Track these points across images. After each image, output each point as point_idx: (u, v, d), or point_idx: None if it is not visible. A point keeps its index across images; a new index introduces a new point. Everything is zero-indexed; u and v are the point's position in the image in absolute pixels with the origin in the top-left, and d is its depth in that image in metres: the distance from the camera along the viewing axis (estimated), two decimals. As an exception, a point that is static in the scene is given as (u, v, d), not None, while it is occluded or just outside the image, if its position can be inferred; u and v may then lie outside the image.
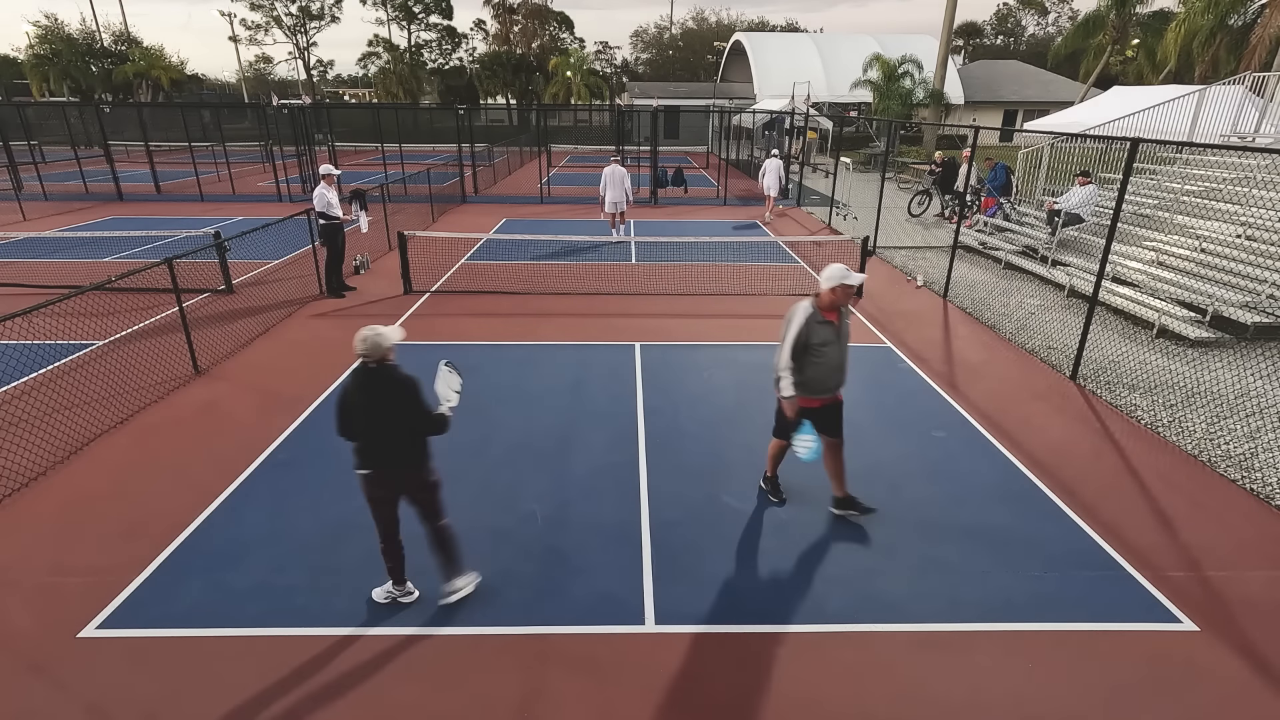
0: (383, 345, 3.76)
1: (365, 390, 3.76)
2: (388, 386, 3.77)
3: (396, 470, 3.84)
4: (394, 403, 3.76)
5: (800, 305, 4.65)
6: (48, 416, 6.33)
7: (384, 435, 3.77)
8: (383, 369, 3.79)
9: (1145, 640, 3.94)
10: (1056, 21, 72.35)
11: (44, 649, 3.79)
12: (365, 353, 3.71)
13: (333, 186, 10.22)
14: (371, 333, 3.73)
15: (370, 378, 3.77)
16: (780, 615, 4.11)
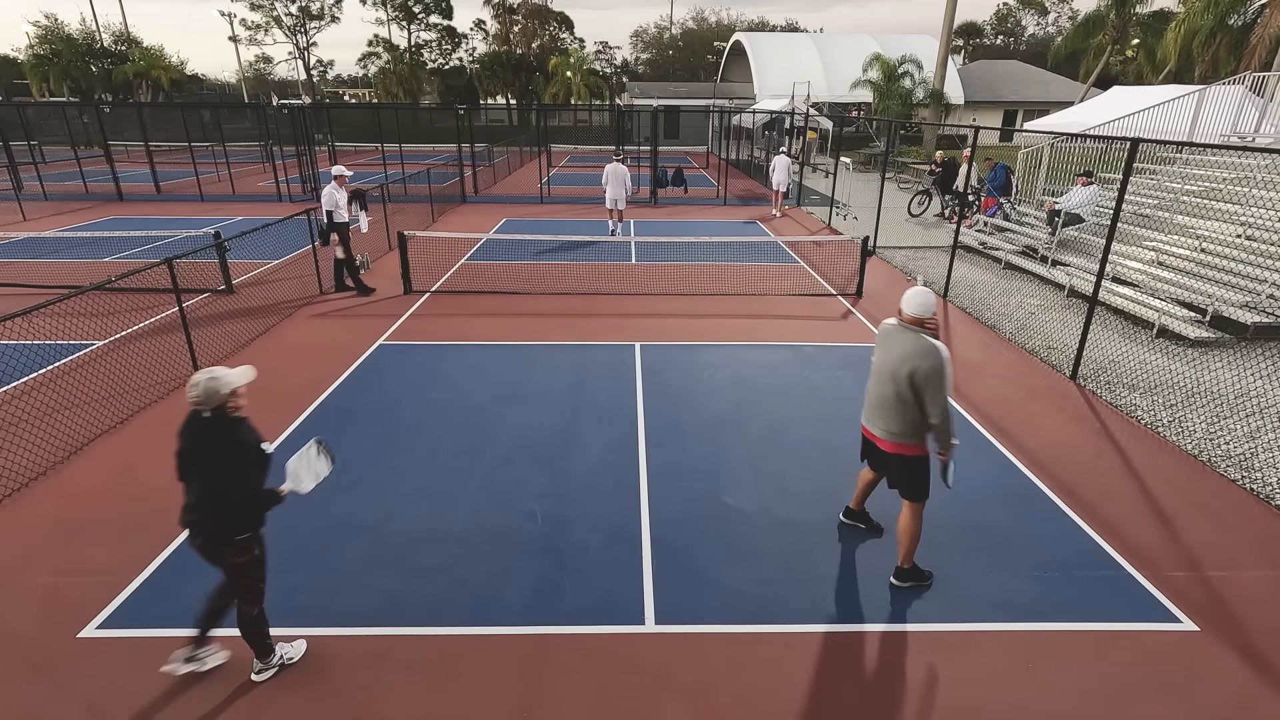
0: (219, 392, 3.19)
1: (189, 438, 3.25)
2: (214, 442, 3.23)
3: (199, 539, 3.34)
4: (213, 462, 3.23)
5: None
6: (48, 416, 6.33)
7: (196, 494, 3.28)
8: (218, 421, 3.23)
9: (1145, 640, 3.94)
10: (1056, 21, 72.39)
11: (44, 649, 3.79)
12: (198, 400, 3.16)
13: (343, 187, 10.27)
14: (206, 377, 3.18)
15: (198, 428, 3.23)
16: (780, 615, 4.11)
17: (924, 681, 3.65)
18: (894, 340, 4.02)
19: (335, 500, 5.20)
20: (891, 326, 4.11)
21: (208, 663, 3.66)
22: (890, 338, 4.07)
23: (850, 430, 6.36)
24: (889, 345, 4.06)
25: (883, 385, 4.07)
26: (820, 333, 9.16)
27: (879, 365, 4.13)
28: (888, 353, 4.04)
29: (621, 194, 14.80)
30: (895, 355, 3.95)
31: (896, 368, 3.92)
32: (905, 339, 3.94)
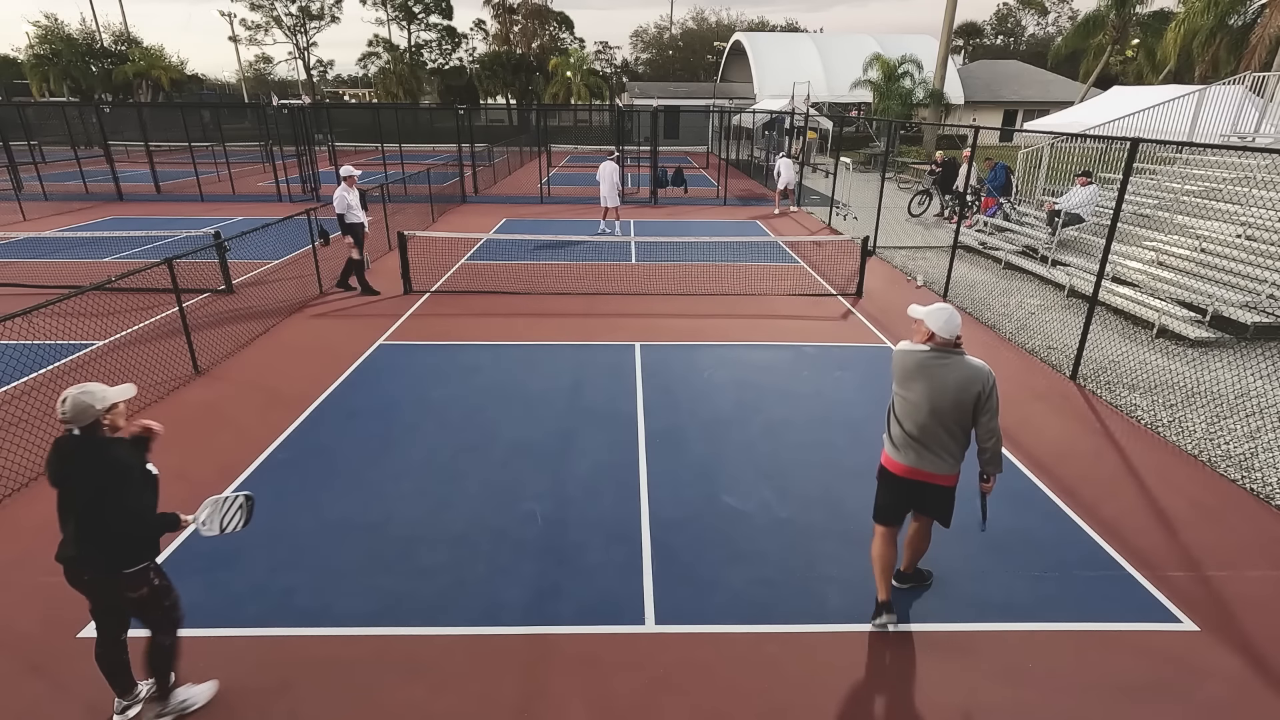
0: (92, 407, 2.87)
1: (58, 464, 2.92)
2: (88, 466, 2.88)
3: (84, 574, 3.01)
4: (89, 488, 2.88)
5: None
6: (48, 416, 6.32)
7: (74, 526, 2.94)
8: (89, 441, 2.90)
9: (1145, 640, 3.94)
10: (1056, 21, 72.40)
11: (44, 649, 3.79)
12: (66, 416, 2.85)
13: (353, 188, 10.29)
14: (77, 390, 2.88)
15: (67, 450, 2.90)
16: (780, 615, 4.10)
17: (924, 682, 3.65)
18: (939, 369, 3.57)
19: (335, 500, 5.20)
20: (926, 355, 3.60)
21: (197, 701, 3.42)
22: (931, 368, 3.58)
23: (850, 430, 6.39)
24: (934, 376, 3.57)
25: (939, 418, 3.60)
26: (820, 333, 9.15)
27: (930, 400, 3.59)
28: (937, 384, 3.56)
29: (610, 192, 14.91)
30: (953, 384, 3.54)
31: (959, 396, 3.53)
32: (957, 365, 3.56)
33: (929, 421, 3.63)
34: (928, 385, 3.59)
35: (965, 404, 3.56)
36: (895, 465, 3.82)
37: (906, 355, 3.69)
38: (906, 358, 3.68)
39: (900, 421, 3.77)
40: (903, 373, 3.70)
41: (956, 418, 3.60)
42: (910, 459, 3.74)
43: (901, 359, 3.71)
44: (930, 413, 3.61)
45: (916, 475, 3.75)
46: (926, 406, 3.61)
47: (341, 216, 10.21)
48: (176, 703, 3.34)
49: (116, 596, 3.09)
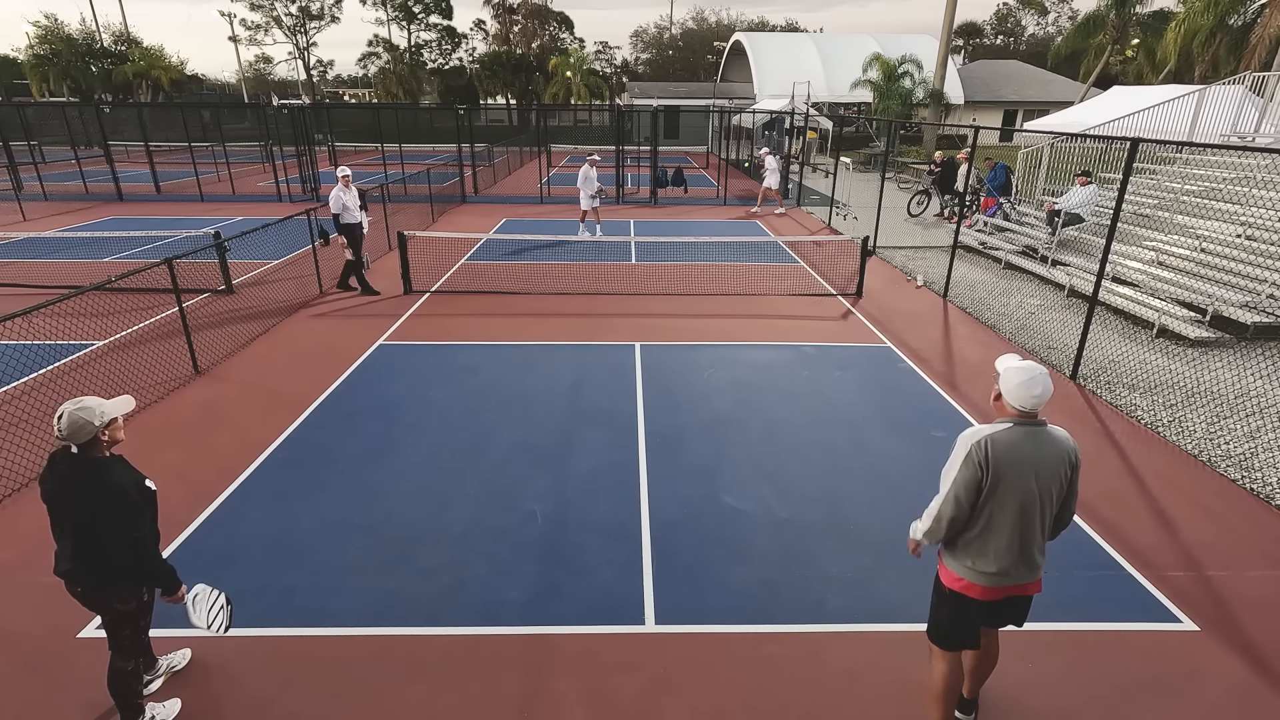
0: (90, 423, 2.76)
1: (54, 482, 2.86)
2: (86, 486, 2.80)
3: (78, 586, 3.00)
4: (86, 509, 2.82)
5: None
6: (48, 416, 6.29)
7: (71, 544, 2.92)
8: (87, 461, 2.81)
9: (1145, 640, 3.94)
10: (1056, 21, 72.42)
11: (44, 649, 3.79)
12: (63, 434, 2.76)
13: (349, 187, 10.25)
14: (74, 406, 2.76)
15: (64, 469, 2.83)
16: (780, 615, 4.11)
17: (924, 681, 3.64)
18: (1031, 448, 2.76)
19: (335, 500, 5.20)
20: (1017, 434, 2.76)
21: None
22: (1023, 447, 2.75)
23: (850, 430, 6.39)
24: (1028, 458, 2.75)
25: (1042, 511, 2.82)
26: (820, 333, 9.15)
27: (1038, 490, 2.78)
28: (1035, 467, 2.76)
29: (582, 195, 14.74)
30: (1050, 461, 2.78)
31: (1062, 473, 2.81)
32: (1050, 439, 2.80)
33: (1028, 518, 2.80)
34: (1021, 473, 2.75)
35: (1065, 481, 2.84)
36: (987, 591, 2.93)
37: (989, 441, 2.74)
38: (994, 442, 2.74)
39: (991, 536, 2.84)
40: (996, 468, 2.73)
41: (1055, 499, 2.85)
42: (1001, 574, 2.88)
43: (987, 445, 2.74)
44: (1026, 510, 2.79)
45: (1009, 591, 2.96)
46: (1030, 502, 2.78)
47: (337, 216, 10.18)
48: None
49: (107, 607, 3.09)
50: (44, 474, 2.90)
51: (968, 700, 3.38)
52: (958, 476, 2.80)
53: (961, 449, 2.81)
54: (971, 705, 3.39)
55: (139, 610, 3.13)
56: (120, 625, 3.12)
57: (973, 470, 2.76)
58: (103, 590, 3.02)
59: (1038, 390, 2.72)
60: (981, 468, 2.74)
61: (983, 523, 2.82)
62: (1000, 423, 2.82)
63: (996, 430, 2.78)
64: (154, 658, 3.56)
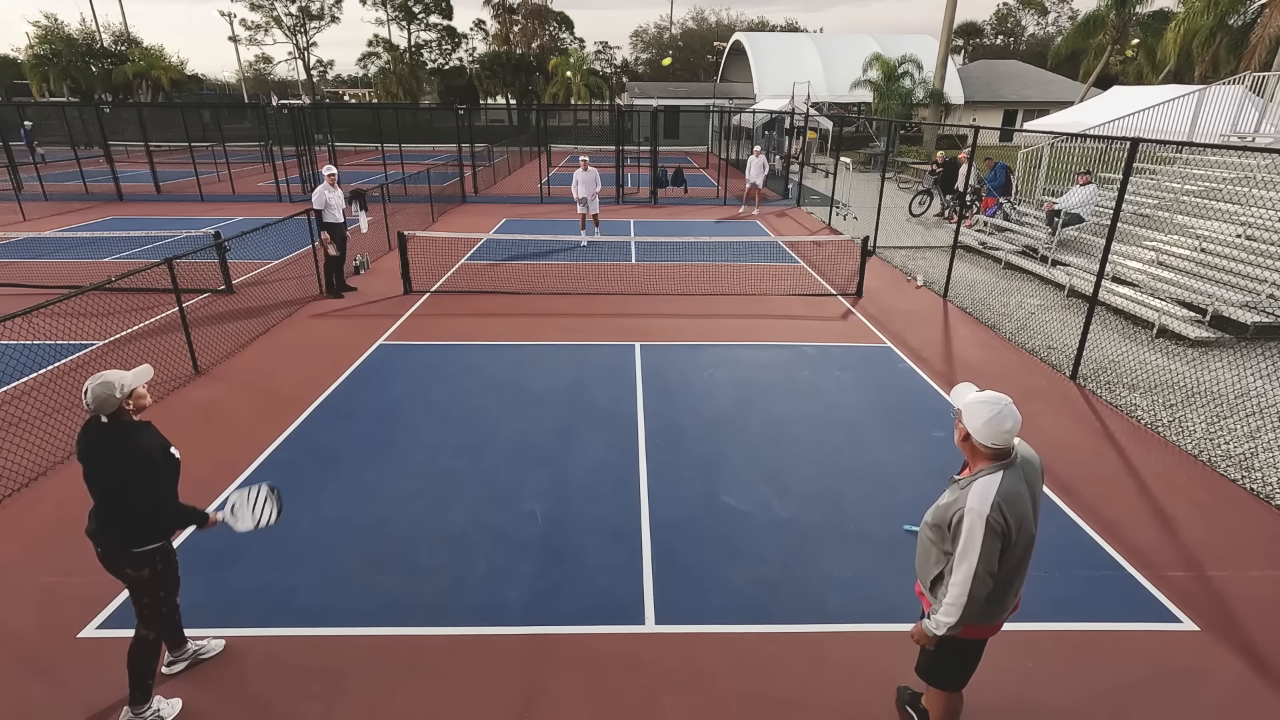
0: (112, 395, 2.98)
1: (85, 446, 3.08)
2: (111, 449, 3.03)
3: (99, 548, 3.17)
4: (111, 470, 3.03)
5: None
6: (48, 416, 6.33)
7: (96, 503, 3.13)
8: (115, 426, 3.05)
9: (1145, 640, 3.94)
10: (1056, 21, 72.41)
11: (44, 649, 3.79)
12: (90, 406, 2.99)
13: (334, 187, 10.16)
14: (96, 382, 2.97)
15: (94, 435, 3.05)
16: (780, 615, 4.11)
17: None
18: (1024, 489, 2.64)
19: (335, 500, 5.20)
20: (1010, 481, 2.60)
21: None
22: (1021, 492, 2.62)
23: (850, 430, 6.40)
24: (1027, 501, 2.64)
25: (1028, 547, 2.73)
26: (820, 333, 9.15)
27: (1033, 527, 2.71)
28: (1033, 501, 2.69)
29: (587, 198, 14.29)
30: (1036, 490, 2.72)
31: (1039, 500, 2.76)
32: (1029, 468, 2.71)
33: (1027, 552, 2.74)
34: (1029, 517, 2.65)
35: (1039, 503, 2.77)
36: (999, 625, 2.91)
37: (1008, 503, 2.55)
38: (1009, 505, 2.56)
39: (1007, 583, 2.75)
40: (1015, 525, 2.58)
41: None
42: (1010, 603, 2.86)
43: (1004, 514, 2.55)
44: (1029, 544, 2.71)
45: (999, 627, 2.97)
46: (1030, 538, 2.70)
47: (319, 214, 10.03)
48: (148, 712, 3.31)
49: (119, 571, 3.19)
50: (79, 437, 3.10)
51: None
52: (983, 552, 2.55)
53: (978, 525, 2.54)
54: None
55: (153, 579, 3.23)
56: (138, 593, 3.25)
57: (997, 540, 2.57)
58: (114, 554, 3.16)
59: (1008, 425, 2.56)
60: (1005, 535, 2.57)
61: (999, 576, 2.68)
62: (985, 473, 2.60)
63: (995, 487, 2.56)
64: (183, 639, 3.62)
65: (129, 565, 3.17)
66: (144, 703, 3.31)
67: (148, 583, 3.23)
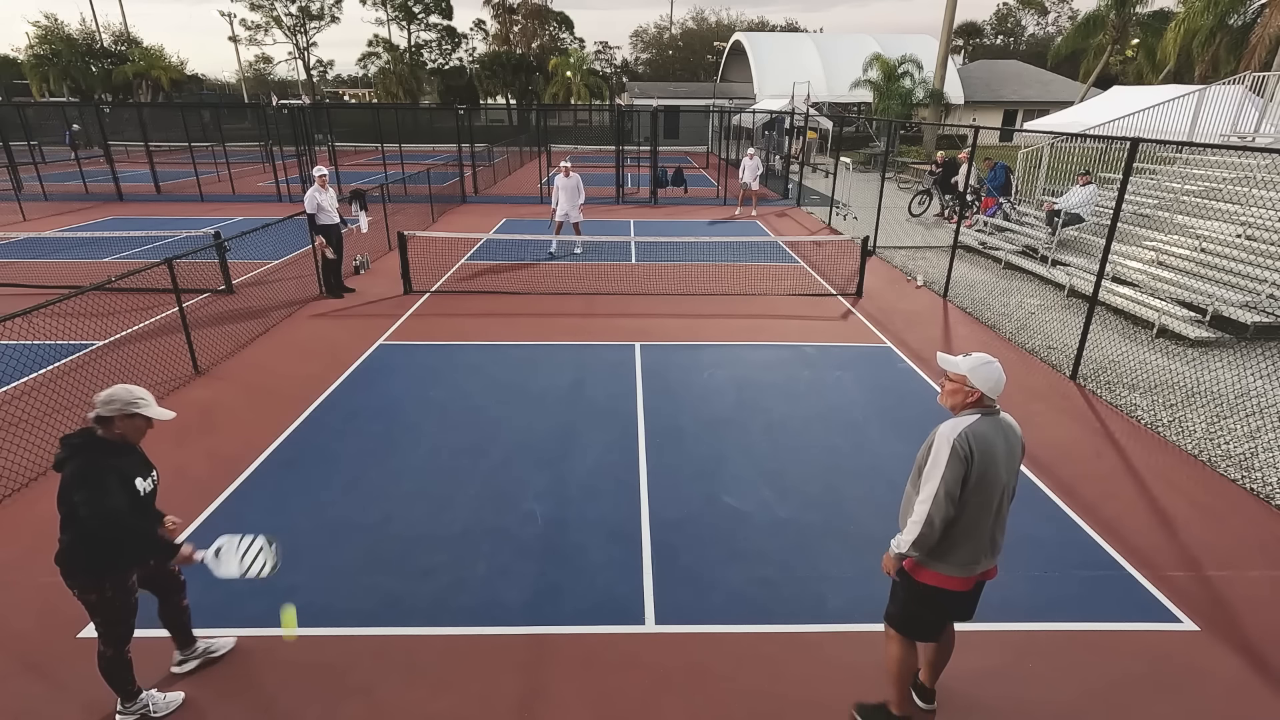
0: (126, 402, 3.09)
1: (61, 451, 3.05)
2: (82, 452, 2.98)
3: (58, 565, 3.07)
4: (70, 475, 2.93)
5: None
6: (48, 416, 6.33)
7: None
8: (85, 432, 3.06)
9: (1145, 640, 3.94)
10: (1056, 21, 72.39)
11: (44, 649, 3.79)
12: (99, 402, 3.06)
13: (325, 188, 10.02)
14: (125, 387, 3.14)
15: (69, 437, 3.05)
16: (780, 615, 4.10)
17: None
18: (999, 437, 2.86)
19: (335, 500, 5.20)
20: (987, 424, 2.86)
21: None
22: (995, 438, 2.84)
23: (850, 430, 6.39)
24: (999, 448, 2.84)
25: (1004, 496, 2.91)
26: (820, 333, 9.15)
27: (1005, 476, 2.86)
28: (1003, 454, 2.85)
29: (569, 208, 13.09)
30: (1013, 448, 2.91)
31: (1019, 458, 2.96)
32: (1009, 426, 2.94)
33: (997, 508, 2.88)
34: (992, 465, 2.80)
35: (1017, 471, 2.93)
36: (963, 582, 2.97)
37: (976, 436, 2.78)
38: (977, 439, 2.78)
39: (970, 528, 2.86)
40: (980, 461, 2.77)
41: (1011, 490, 2.96)
42: (977, 567, 2.95)
43: (970, 443, 2.77)
44: (1001, 496, 2.87)
45: (981, 578, 3.04)
46: (998, 490, 2.84)
47: (312, 217, 9.93)
48: (136, 707, 3.35)
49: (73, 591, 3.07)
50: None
51: (928, 690, 3.46)
52: (946, 474, 2.76)
53: (944, 445, 2.79)
54: (932, 695, 3.46)
55: (103, 604, 3.08)
56: (92, 613, 3.14)
57: (960, 465, 2.76)
58: (67, 574, 3.04)
59: (1003, 378, 2.93)
60: (967, 461, 2.76)
61: (967, 516, 2.83)
62: (967, 415, 2.88)
63: (971, 422, 2.83)
64: (192, 638, 3.61)
65: (76, 587, 3.05)
66: (131, 699, 3.34)
67: (97, 607, 3.09)
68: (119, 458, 3.05)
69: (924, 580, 2.99)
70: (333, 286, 10.53)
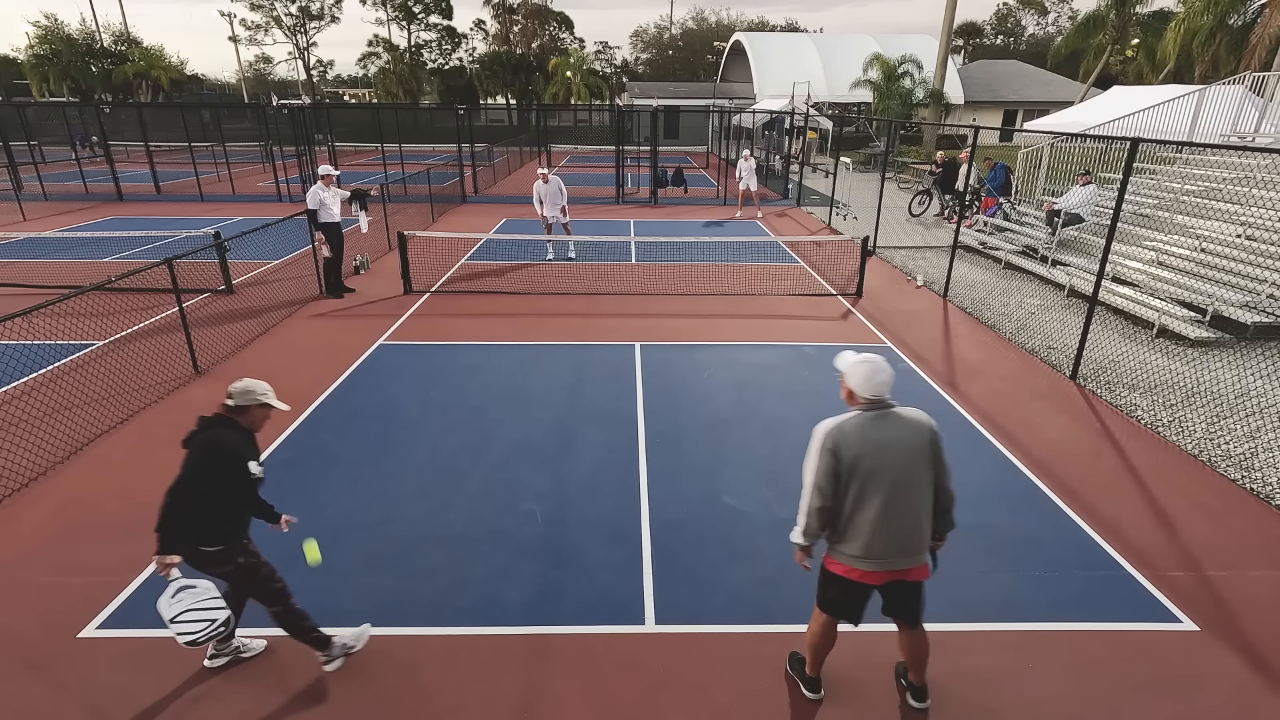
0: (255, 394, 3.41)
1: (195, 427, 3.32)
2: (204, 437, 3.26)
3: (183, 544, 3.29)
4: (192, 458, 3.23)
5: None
6: (48, 416, 6.33)
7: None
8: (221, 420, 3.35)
9: (1145, 640, 3.94)
10: (1056, 21, 72.42)
11: (44, 649, 3.79)
12: (233, 393, 3.36)
13: (329, 187, 10.01)
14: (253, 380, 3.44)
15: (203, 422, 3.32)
16: (780, 615, 4.10)
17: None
18: (879, 430, 2.94)
19: (335, 500, 5.20)
20: (863, 418, 2.97)
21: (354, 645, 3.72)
22: (870, 430, 2.93)
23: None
24: (876, 439, 2.91)
25: (908, 491, 2.95)
26: (820, 333, 9.16)
27: (896, 469, 2.91)
28: (887, 446, 2.92)
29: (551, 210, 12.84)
30: (902, 439, 2.95)
31: (920, 449, 2.97)
32: (899, 419, 2.98)
33: (898, 500, 2.93)
34: (880, 454, 2.90)
35: (928, 456, 2.98)
36: (868, 575, 3.05)
37: (843, 431, 2.93)
38: (844, 434, 2.92)
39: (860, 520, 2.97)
40: (849, 452, 2.90)
41: (931, 475, 3.00)
42: (884, 562, 3.01)
43: (844, 433, 2.92)
44: (889, 491, 2.91)
45: (889, 576, 3.07)
46: (883, 484, 2.91)
47: (314, 213, 9.92)
48: (336, 650, 3.60)
49: (204, 569, 3.26)
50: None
51: (919, 688, 3.50)
52: (816, 467, 2.98)
53: (815, 441, 3.00)
54: (923, 692, 3.50)
55: (241, 570, 3.31)
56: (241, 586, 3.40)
57: (825, 458, 2.95)
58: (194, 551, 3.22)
59: (881, 377, 2.95)
60: (834, 454, 2.93)
61: (850, 509, 2.98)
62: (850, 411, 3.03)
63: (845, 419, 2.99)
64: (232, 633, 3.62)
65: (208, 562, 3.25)
66: (327, 646, 3.57)
67: (238, 574, 3.32)
68: (245, 442, 3.33)
69: (828, 566, 3.18)
70: (333, 286, 10.53)
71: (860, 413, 2.98)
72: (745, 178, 17.75)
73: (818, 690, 3.54)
